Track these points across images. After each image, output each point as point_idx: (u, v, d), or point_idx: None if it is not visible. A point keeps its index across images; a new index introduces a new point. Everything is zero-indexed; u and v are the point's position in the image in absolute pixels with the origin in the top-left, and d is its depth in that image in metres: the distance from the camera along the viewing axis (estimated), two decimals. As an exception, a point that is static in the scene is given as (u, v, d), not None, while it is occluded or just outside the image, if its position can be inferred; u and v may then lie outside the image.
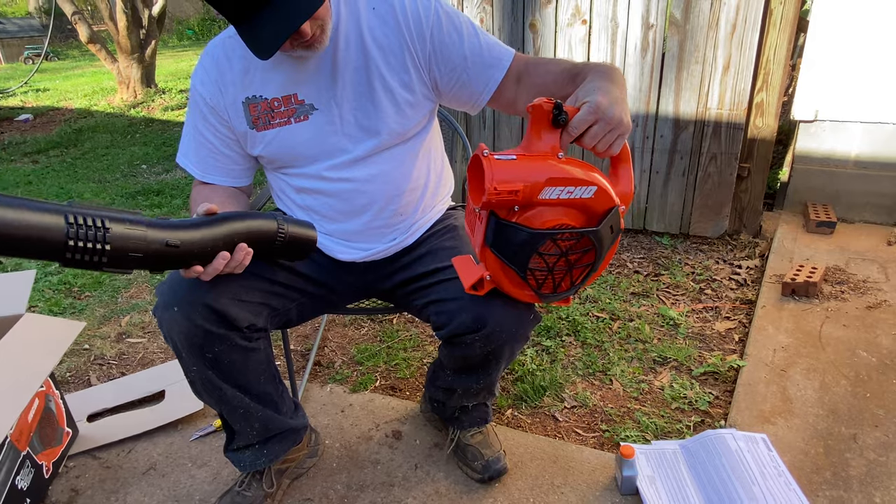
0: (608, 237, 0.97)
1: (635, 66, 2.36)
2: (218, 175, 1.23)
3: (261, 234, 1.00)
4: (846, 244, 2.37)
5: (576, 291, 1.05)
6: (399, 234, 1.28)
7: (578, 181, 0.91)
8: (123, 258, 0.82)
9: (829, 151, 2.54)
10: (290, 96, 1.13)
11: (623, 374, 1.77)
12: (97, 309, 2.31)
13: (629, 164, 1.01)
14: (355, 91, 1.14)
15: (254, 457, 1.31)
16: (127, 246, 0.82)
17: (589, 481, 1.39)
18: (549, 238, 0.93)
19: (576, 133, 0.89)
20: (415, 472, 1.45)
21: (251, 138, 1.18)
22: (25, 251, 0.74)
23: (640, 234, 2.65)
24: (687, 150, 2.42)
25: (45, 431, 1.45)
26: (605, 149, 0.92)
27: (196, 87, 1.17)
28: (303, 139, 1.16)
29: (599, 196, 0.93)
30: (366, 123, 1.15)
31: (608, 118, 0.88)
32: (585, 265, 0.99)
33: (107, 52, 6.08)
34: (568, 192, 0.91)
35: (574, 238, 0.94)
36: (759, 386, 1.64)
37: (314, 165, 1.18)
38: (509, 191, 0.88)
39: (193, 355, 1.12)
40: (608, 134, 0.89)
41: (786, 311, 1.97)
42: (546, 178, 0.89)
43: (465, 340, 1.13)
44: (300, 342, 2.03)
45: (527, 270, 0.96)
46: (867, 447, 1.42)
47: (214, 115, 1.18)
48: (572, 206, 0.93)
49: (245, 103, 1.15)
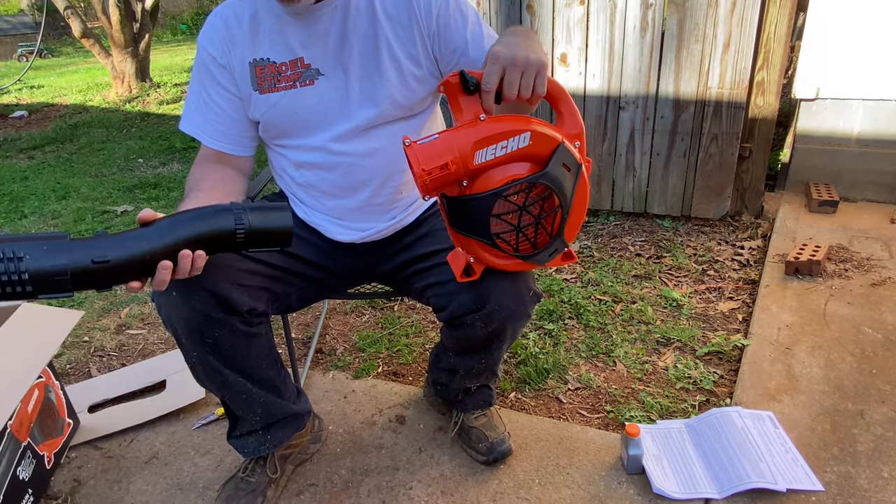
0: (565, 176, 0.95)
1: (634, 47, 2.33)
2: (225, 141, 1.20)
3: (214, 235, 0.92)
4: (849, 223, 2.36)
5: (562, 241, 1.01)
6: (398, 213, 1.26)
7: (506, 133, 0.90)
8: (49, 283, 0.80)
9: (831, 130, 2.52)
10: (296, 60, 1.12)
11: (626, 355, 1.76)
12: (96, 301, 2.29)
13: (567, 99, 0.98)
14: (362, 59, 1.12)
15: (257, 443, 1.30)
16: (48, 271, 0.80)
17: (594, 461, 1.38)
18: (497, 197, 0.91)
19: (490, 87, 0.89)
20: (419, 456, 1.44)
21: (254, 101, 1.16)
22: None
23: (641, 217, 2.64)
24: (688, 131, 2.39)
25: (45, 422, 1.44)
26: (528, 92, 0.90)
27: (205, 46, 1.15)
28: (307, 104, 1.14)
29: (537, 139, 0.91)
30: (370, 92, 1.13)
31: (511, 61, 0.88)
32: (553, 211, 0.96)
33: (100, 46, 6.03)
34: (502, 148, 0.90)
35: (524, 190, 0.92)
36: (764, 364, 1.63)
37: (314, 136, 1.16)
38: (438, 167, 0.87)
39: (194, 341, 1.11)
40: (523, 76, 0.89)
41: (789, 290, 1.96)
42: (471, 143, 0.88)
43: (465, 321, 1.12)
44: (301, 330, 2.02)
45: (492, 237, 0.94)
46: (874, 422, 1.41)
47: (225, 75, 1.15)
48: (514, 159, 0.91)
49: (252, 64, 1.13)
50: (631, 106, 2.43)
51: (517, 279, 1.10)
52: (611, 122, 2.49)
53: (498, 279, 1.08)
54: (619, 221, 2.62)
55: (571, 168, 0.96)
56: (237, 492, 1.30)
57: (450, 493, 1.33)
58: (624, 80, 2.40)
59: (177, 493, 1.39)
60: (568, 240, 1.03)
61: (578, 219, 1.03)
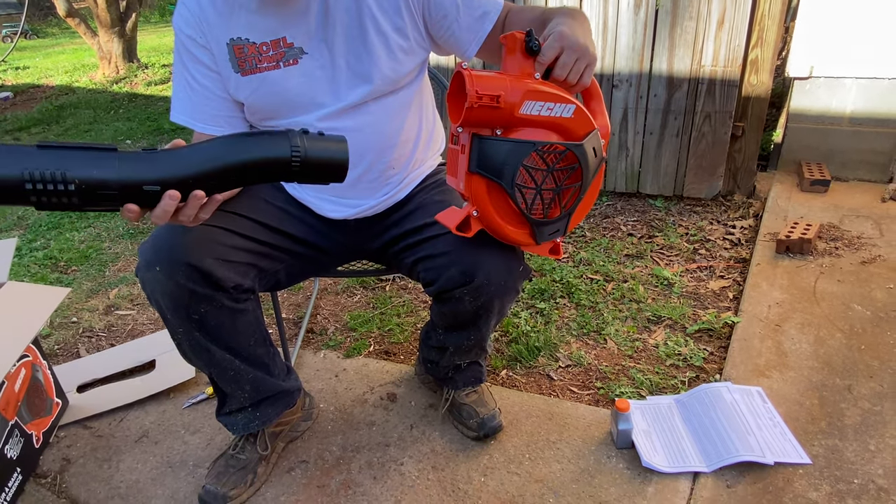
0: (592, 159, 0.97)
1: (628, 24, 2.31)
2: (216, 125, 1.16)
3: (269, 161, 0.84)
4: (840, 202, 2.36)
5: (566, 223, 1.03)
6: (391, 189, 1.24)
7: (558, 97, 0.92)
8: (93, 196, 0.75)
9: (824, 109, 2.51)
10: (278, 40, 1.08)
11: (617, 333, 1.77)
12: (84, 282, 2.27)
13: (601, 100, 1.04)
14: (347, 34, 1.09)
15: (247, 420, 1.29)
16: (96, 183, 0.74)
17: (584, 436, 1.39)
18: (533, 149, 0.93)
19: (546, 60, 0.92)
20: (410, 433, 1.44)
21: (236, 83, 1.12)
22: None
23: (633, 197, 2.63)
24: (681, 110, 2.38)
25: (33, 402, 1.43)
26: (576, 79, 0.94)
27: (181, 28, 1.10)
28: (292, 85, 1.11)
29: (579, 116, 0.95)
30: (358, 69, 1.11)
31: (573, 46, 0.92)
32: (573, 186, 0.99)
33: (86, 26, 5.92)
34: (548, 109, 0.92)
35: (559, 153, 0.95)
36: (754, 341, 1.64)
37: (303, 116, 1.13)
38: (490, 96, 0.88)
39: (179, 316, 1.09)
40: (577, 62, 0.93)
41: (780, 268, 1.96)
42: (525, 90, 0.91)
43: (454, 295, 1.12)
44: (292, 311, 2.01)
45: (514, 186, 0.95)
46: (862, 397, 1.43)
47: (205, 55, 1.11)
48: (552, 125, 0.94)
49: (230, 45, 1.09)
50: (624, 84, 2.41)
51: (507, 254, 1.09)
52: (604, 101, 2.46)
53: (488, 253, 1.08)
54: (612, 202, 2.62)
55: (598, 155, 0.98)
56: (227, 468, 1.30)
57: (440, 469, 1.34)
58: (617, 57, 2.38)
59: (167, 470, 1.39)
60: (571, 226, 1.05)
61: (583, 211, 1.05)
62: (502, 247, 1.09)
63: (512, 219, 1.00)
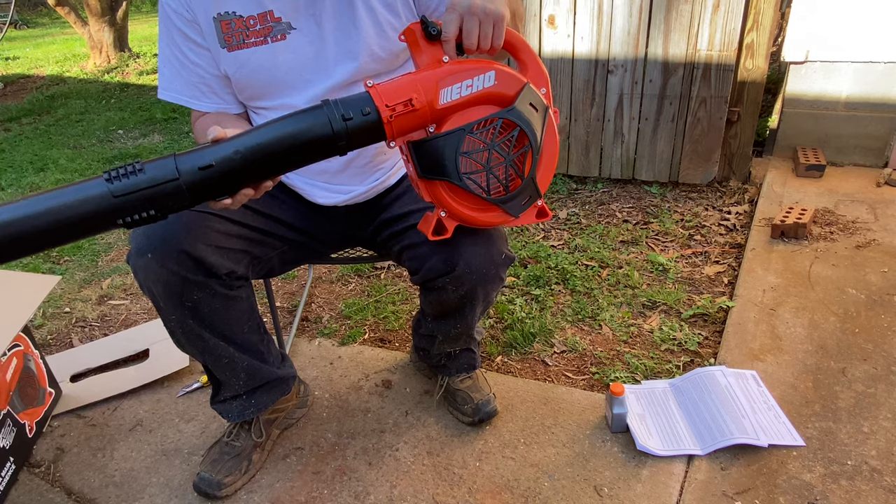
0: (533, 114, 0.94)
1: (623, 8, 2.28)
2: (210, 101, 1.15)
3: (315, 141, 0.85)
4: (835, 187, 2.36)
5: (534, 188, 0.98)
6: (381, 175, 1.23)
7: (470, 71, 0.89)
8: (163, 199, 0.81)
9: (819, 93, 2.50)
10: (265, 13, 1.06)
11: (612, 319, 1.76)
12: (77, 273, 2.25)
13: (528, 49, 0.97)
14: (336, 9, 1.06)
15: (241, 407, 1.29)
16: (164, 187, 0.80)
17: (579, 421, 1.39)
18: (464, 133, 0.90)
19: (450, 35, 0.89)
20: (405, 419, 1.44)
21: (224, 59, 1.09)
22: (84, 233, 0.79)
23: (629, 183, 2.62)
24: (676, 95, 2.36)
25: (25, 391, 1.42)
26: (487, 42, 0.90)
27: (168, 2, 1.08)
28: (280, 61, 1.08)
29: (502, 78, 0.91)
30: (346, 45, 1.08)
31: (469, 9, 0.88)
32: (523, 150, 0.95)
33: (76, 15, 5.84)
34: (468, 87, 0.89)
35: (491, 126, 0.92)
36: (749, 325, 1.64)
37: (292, 97, 1.11)
38: (402, 103, 0.86)
39: (172, 304, 1.08)
40: (482, 26, 0.89)
41: (775, 252, 1.96)
42: (435, 81, 0.88)
43: (437, 284, 1.12)
44: (287, 299, 2.00)
45: (461, 177, 0.92)
46: (856, 380, 1.43)
47: (193, 29, 1.08)
48: (481, 99, 0.91)
49: (217, 20, 1.07)
50: (619, 69, 2.40)
51: (488, 242, 1.09)
52: (599, 87, 2.45)
53: (469, 242, 1.07)
54: (607, 188, 2.61)
55: (539, 108, 0.94)
56: (222, 456, 1.29)
57: (436, 454, 1.34)
58: (612, 42, 2.36)
59: (161, 458, 1.39)
60: (541, 187, 1.00)
61: (550, 167, 1.00)
62: (484, 235, 1.08)
63: (480, 206, 0.97)
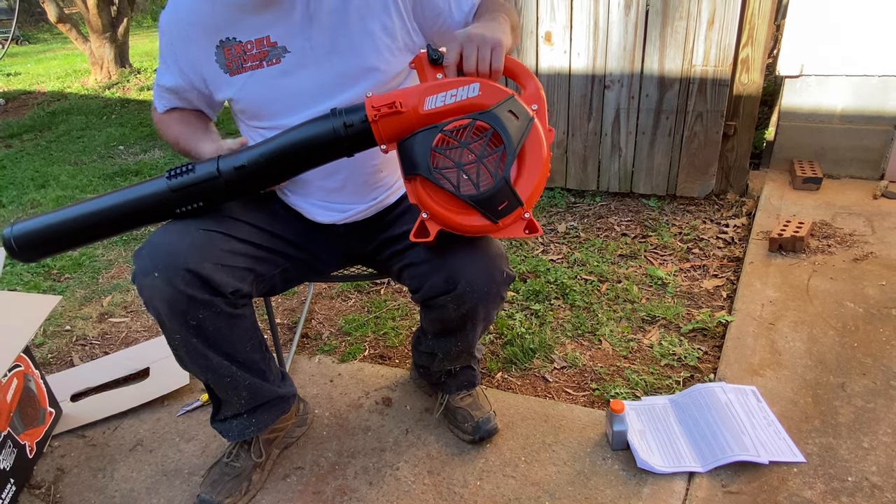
0: (511, 120, 0.98)
1: (619, 24, 2.31)
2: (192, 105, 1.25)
3: (320, 143, 1.02)
4: (832, 199, 2.37)
5: (514, 196, 0.96)
6: (380, 193, 1.24)
7: (457, 83, 0.97)
8: (208, 193, 1.05)
9: (815, 107, 2.52)
10: (262, 39, 1.09)
11: (612, 333, 1.77)
12: (77, 290, 2.26)
13: (526, 72, 1.05)
14: (332, 34, 1.09)
15: (242, 426, 1.29)
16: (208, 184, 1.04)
17: (580, 438, 1.39)
18: (437, 131, 0.96)
19: (451, 61, 0.98)
20: (406, 437, 1.44)
21: (226, 83, 1.13)
22: (151, 220, 1.08)
23: (627, 197, 2.63)
24: (673, 109, 2.38)
25: (26, 412, 1.42)
26: (486, 66, 0.97)
27: (169, 25, 1.16)
28: (275, 84, 1.11)
29: (487, 90, 0.97)
30: (342, 68, 1.10)
31: (470, 38, 0.97)
32: (496, 151, 0.97)
33: (77, 31, 5.88)
34: (452, 97, 0.97)
35: (465, 127, 0.97)
36: (748, 340, 1.64)
37: (290, 118, 1.12)
38: (387, 104, 0.96)
39: (177, 322, 1.09)
40: (480, 50, 0.96)
41: (773, 266, 1.97)
42: (423, 89, 0.97)
43: (438, 303, 1.12)
44: (287, 315, 2.00)
45: (431, 171, 0.97)
46: (855, 394, 1.43)
47: (192, 51, 1.14)
48: (463, 108, 0.97)
49: (220, 46, 1.11)
50: (616, 85, 2.42)
51: (489, 261, 1.10)
52: (596, 102, 2.47)
53: (469, 261, 1.08)
54: (605, 202, 2.62)
55: (520, 117, 0.99)
56: (222, 477, 1.29)
57: (436, 473, 1.34)
58: (609, 58, 2.38)
59: (162, 479, 1.38)
60: (525, 201, 0.98)
61: (533, 177, 0.98)
62: (485, 254, 1.09)
63: (457, 207, 0.98)
